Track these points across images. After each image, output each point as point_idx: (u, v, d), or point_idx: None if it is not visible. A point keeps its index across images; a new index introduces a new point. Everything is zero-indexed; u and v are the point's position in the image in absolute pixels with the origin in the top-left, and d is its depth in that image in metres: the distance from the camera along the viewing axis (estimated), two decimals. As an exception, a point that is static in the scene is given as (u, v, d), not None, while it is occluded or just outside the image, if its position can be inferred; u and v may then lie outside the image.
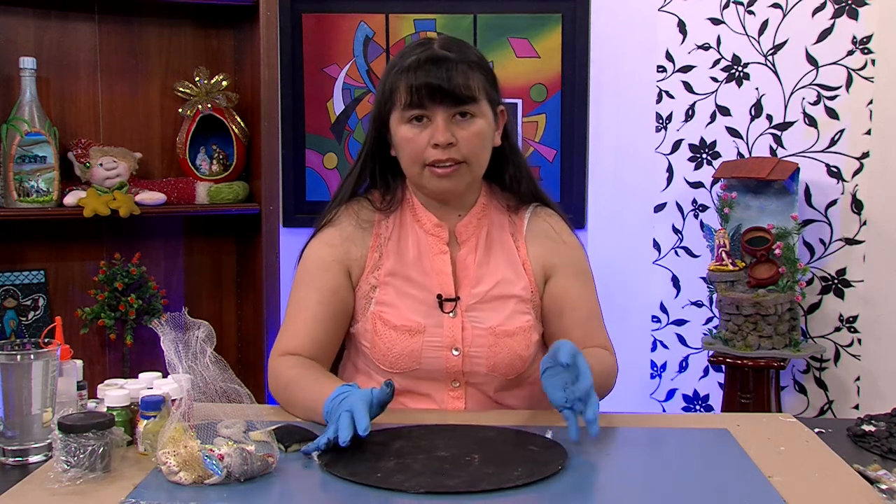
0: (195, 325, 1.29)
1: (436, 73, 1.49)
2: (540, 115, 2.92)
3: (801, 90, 2.74)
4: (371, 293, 1.59)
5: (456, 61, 1.51)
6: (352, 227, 1.62)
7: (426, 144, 1.52)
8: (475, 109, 1.52)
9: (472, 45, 1.62)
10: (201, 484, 1.16)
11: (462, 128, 1.52)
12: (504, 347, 1.54)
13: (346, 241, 1.61)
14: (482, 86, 1.53)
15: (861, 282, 2.73)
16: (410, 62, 1.51)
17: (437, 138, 1.50)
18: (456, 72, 1.50)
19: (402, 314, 1.56)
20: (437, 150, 1.51)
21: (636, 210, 2.92)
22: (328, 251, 1.60)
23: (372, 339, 1.56)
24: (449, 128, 1.51)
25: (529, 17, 2.89)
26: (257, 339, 2.66)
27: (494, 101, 1.58)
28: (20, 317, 2.50)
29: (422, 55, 1.52)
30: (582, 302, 1.62)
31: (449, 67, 1.50)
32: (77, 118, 2.57)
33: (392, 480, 1.16)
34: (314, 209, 2.94)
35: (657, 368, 2.95)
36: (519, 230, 1.65)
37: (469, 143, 1.52)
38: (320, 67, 2.93)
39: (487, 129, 1.55)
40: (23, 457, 1.26)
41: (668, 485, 1.21)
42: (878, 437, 1.37)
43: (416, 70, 1.50)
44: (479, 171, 1.58)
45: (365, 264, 1.60)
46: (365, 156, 1.64)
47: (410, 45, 1.58)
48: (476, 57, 1.56)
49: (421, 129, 1.52)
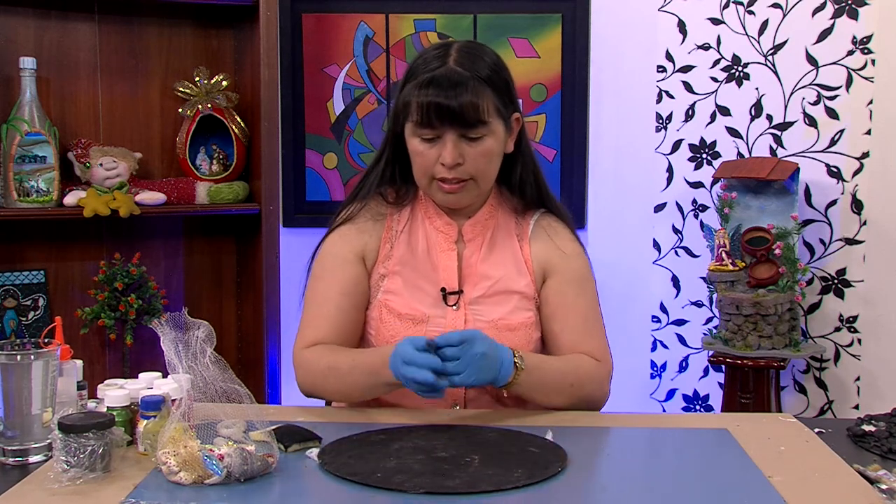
0: (195, 325, 1.29)
1: (446, 94, 1.50)
2: (540, 115, 2.92)
3: (801, 90, 2.74)
4: (380, 282, 1.62)
5: (468, 80, 1.51)
6: (365, 220, 1.65)
7: (435, 161, 1.54)
8: (484, 130, 1.53)
9: (487, 50, 1.60)
10: (201, 484, 1.16)
11: (471, 146, 1.54)
12: (505, 341, 1.54)
13: (361, 234, 1.64)
14: (493, 104, 1.54)
15: (861, 282, 2.73)
16: (424, 79, 1.52)
17: (444, 158, 1.53)
18: (467, 93, 1.50)
19: (407, 303, 1.59)
20: (445, 169, 1.54)
21: (636, 210, 2.92)
22: (345, 245, 1.63)
23: (377, 326, 1.60)
24: (458, 147, 1.52)
25: (529, 17, 2.89)
26: (257, 339, 2.66)
27: (508, 113, 1.58)
28: (20, 317, 2.50)
29: (436, 72, 1.52)
30: (575, 307, 1.63)
31: (459, 90, 1.50)
32: (77, 118, 2.57)
33: (392, 481, 1.16)
34: (314, 209, 2.95)
35: (657, 368, 2.95)
36: (524, 232, 1.67)
37: (477, 161, 1.55)
38: (320, 67, 2.93)
39: (497, 145, 1.57)
40: (23, 457, 1.26)
41: (668, 485, 1.21)
42: (878, 437, 1.37)
43: (427, 87, 1.51)
44: (487, 185, 1.61)
45: (377, 255, 1.64)
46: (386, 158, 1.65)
47: (430, 51, 1.57)
48: (490, 69, 1.55)
49: (431, 145, 1.54)
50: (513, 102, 1.60)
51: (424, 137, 1.54)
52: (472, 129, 1.52)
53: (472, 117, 1.51)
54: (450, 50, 1.55)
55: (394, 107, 1.61)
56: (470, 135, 1.53)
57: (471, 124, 1.51)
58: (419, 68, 1.55)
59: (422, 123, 1.52)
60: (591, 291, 1.67)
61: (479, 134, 1.53)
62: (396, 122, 1.59)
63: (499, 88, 1.55)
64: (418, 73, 1.54)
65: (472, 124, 1.51)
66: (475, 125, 1.52)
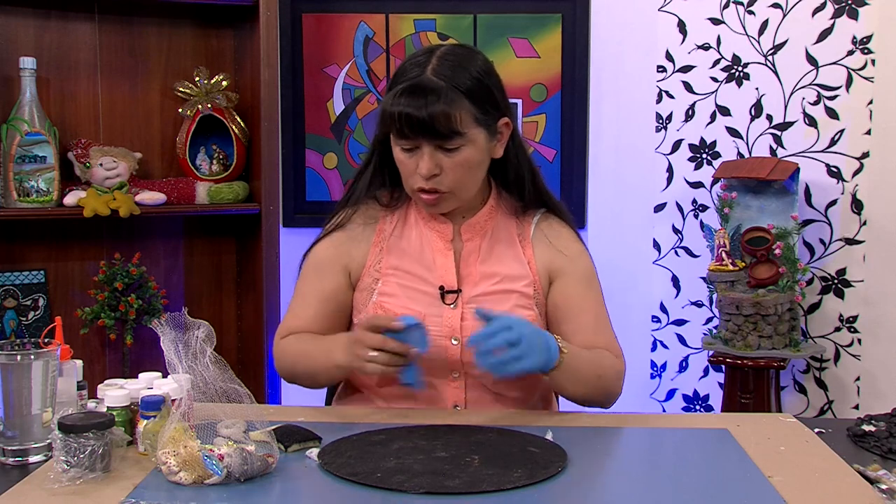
0: (195, 325, 1.29)
1: (416, 105, 1.47)
2: (540, 115, 2.92)
3: (801, 90, 2.74)
4: (373, 285, 1.62)
5: (441, 90, 1.48)
6: (356, 225, 1.66)
7: (414, 170, 1.53)
8: (461, 141, 1.51)
9: (474, 55, 1.57)
10: (201, 484, 1.16)
11: (448, 157, 1.52)
12: None
13: (350, 242, 1.65)
14: (469, 114, 1.50)
15: (861, 282, 2.73)
16: (398, 89, 1.50)
17: (420, 170, 1.52)
18: (440, 104, 1.47)
19: (402, 304, 1.59)
20: (422, 179, 1.53)
21: (636, 210, 2.92)
22: (331, 254, 1.65)
23: None
24: (433, 158, 1.51)
25: (529, 17, 2.89)
26: (257, 339, 2.66)
27: (490, 119, 1.55)
28: (20, 317, 2.50)
29: (413, 81, 1.50)
30: (585, 306, 1.63)
31: (431, 101, 1.47)
32: (77, 118, 2.57)
33: (392, 481, 1.16)
34: (314, 209, 2.95)
35: (657, 368, 2.95)
36: (525, 234, 1.67)
37: (453, 172, 1.53)
38: (320, 67, 2.93)
39: (476, 154, 1.54)
40: (23, 457, 1.26)
41: (668, 485, 1.21)
42: (878, 437, 1.37)
43: (400, 97, 1.49)
44: (468, 195, 1.60)
45: (366, 260, 1.64)
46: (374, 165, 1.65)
47: (413, 58, 1.56)
48: (470, 79, 1.51)
49: (410, 154, 1.53)
50: (498, 108, 1.56)
51: (404, 147, 1.53)
52: (447, 141, 1.50)
53: (444, 128, 1.48)
54: (431, 58, 1.53)
55: (379, 113, 1.59)
56: (446, 146, 1.50)
57: (444, 135, 1.49)
58: (399, 76, 1.54)
59: (399, 134, 1.51)
60: (598, 289, 1.67)
61: (456, 145, 1.51)
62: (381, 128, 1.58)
63: (478, 97, 1.52)
64: (398, 81, 1.53)
65: (445, 135, 1.49)
66: (449, 136, 1.49)
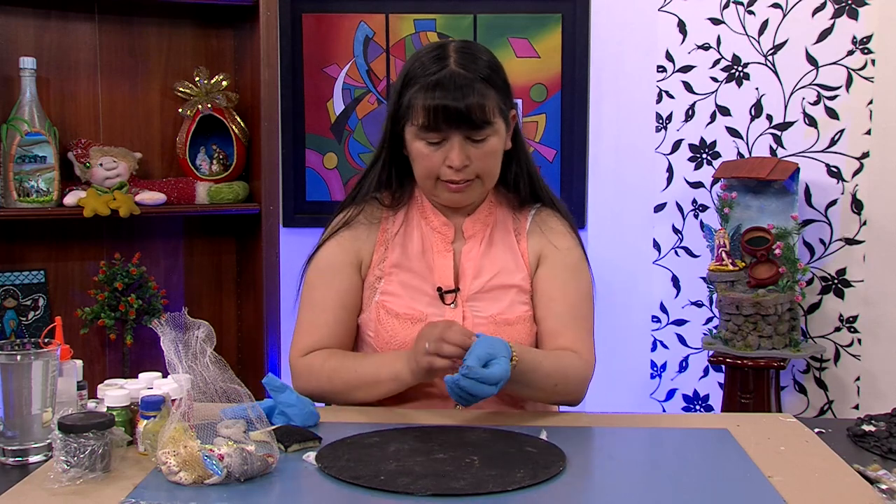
0: (195, 325, 1.29)
1: (453, 97, 1.50)
2: (540, 115, 2.92)
3: (801, 90, 2.74)
4: (376, 284, 1.63)
5: (473, 81, 1.51)
6: (361, 224, 1.66)
7: (441, 163, 1.55)
8: (489, 131, 1.54)
9: (483, 49, 1.60)
10: (201, 484, 1.16)
11: (476, 147, 1.54)
12: (504, 335, 1.54)
13: (356, 241, 1.65)
14: (496, 104, 1.54)
15: (861, 282, 2.73)
16: (429, 81, 1.52)
17: (452, 161, 1.53)
18: (473, 95, 1.51)
19: (404, 303, 1.60)
20: (452, 171, 1.54)
21: (636, 210, 2.92)
22: (341, 253, 1.64)
23: (376, 327, 1.60)
24: (464, 149, 1.53)
25: (529, 17, 2.89)
26: (257, 339, 2.66)
27: (507, 111, 1.59)
28: (20, 317, 2.50)
29: (441, 74, 1.52)
30: (560, 295, 1.62)
31: (466, 91, 1.50)
32: (77, 118, 2.57)
33: (397, 483, 1.15)
34: (314, 209, 2.95)
35: (657, 368, 2.95)
36: (522, 228, 1.68)
37: (482, 161, 1.56)
38: (320, 67, 2.93)
39: (500, 144, 1.58)
40: (23, 457, 1.26)
41: (668, 485, 1.21)
42: (878, 437, 1.37)
43: (433, 90, 1.51)
44: (491, 183, 1.62)
45: (372, 258, 1.64)
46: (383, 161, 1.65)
47: (427, 53, 1.57)
48: (489, 69, 1.55)
49: (436, 147, 1.54)
50: (510, 98, 1.61)
51: (430, 141, 1.54)
52: (478, 131, 1.53)
53: (479, 118, 1.51)
54: (448, 51, 1.55)
55: (391, 110, 1.60)
56: (475, 136, 1.53)
57: (478, 125, 1.52)
58: (418, 71, 1.55)
59: (428, 127, 1.52)
60: (582, 284, 1.66)
61: (484, 135, 1.54)
62: (395, 124, 1.59)
63: (499, 87, 1.56)
64: (418, 77, 1.54)
65: (478, 125, 1.52)
66: (482, 126, 1.52)
